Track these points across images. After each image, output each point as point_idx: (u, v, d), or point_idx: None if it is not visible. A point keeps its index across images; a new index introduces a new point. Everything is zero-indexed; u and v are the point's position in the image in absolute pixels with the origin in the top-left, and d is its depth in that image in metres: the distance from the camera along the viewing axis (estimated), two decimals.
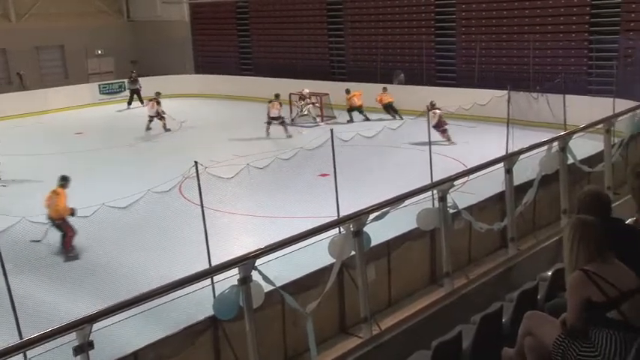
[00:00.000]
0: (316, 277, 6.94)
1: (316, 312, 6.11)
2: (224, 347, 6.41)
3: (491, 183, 9.22)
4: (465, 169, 9.55)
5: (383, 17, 25.29)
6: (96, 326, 4.50)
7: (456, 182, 7.26)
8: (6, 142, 18.33)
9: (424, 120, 11.96)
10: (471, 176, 8.81)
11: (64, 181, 11.78)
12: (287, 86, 23.55)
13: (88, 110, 27.12)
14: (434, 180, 8.55)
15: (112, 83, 29.00)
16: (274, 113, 20.28)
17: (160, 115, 21.99)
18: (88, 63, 30.50)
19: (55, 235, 10.80)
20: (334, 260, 6.42)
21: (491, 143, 13.87)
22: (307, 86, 23.20)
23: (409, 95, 22.31)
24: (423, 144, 12.11)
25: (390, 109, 22.26)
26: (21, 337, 5.84)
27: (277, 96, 20.82)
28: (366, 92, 22.98)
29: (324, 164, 11.31)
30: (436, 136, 17.84)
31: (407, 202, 7.07)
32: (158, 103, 22.24)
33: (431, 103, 18.61)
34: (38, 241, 10.27)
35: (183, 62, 30.65)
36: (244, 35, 29.79)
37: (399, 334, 5.77)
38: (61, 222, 11.13)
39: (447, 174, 7.40)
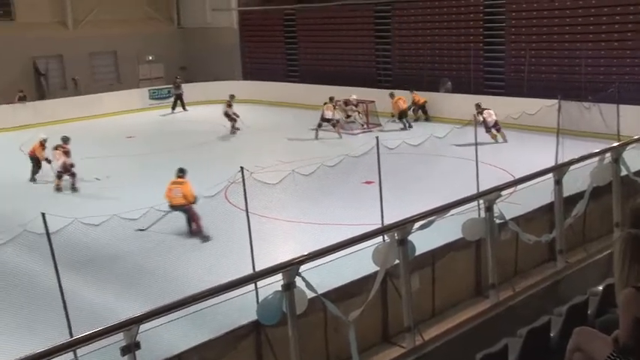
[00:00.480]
0: (359, 285, 6.91)
1: (359, 320, 6.09)
2: (266, 352, 6.44)
3: (540, 194, 9.03)
4: (513, 179, 9.40)
5: (431, 25, 25.13)
6: (142, 327, 4.59)
7: (502, 192, 7.15)
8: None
9: (471, 128, 11.81)
10: (519, 187, 8.66)
11: (182, 172, 12.98)
12: (333, 93, 23.59)
13: (138, 115, 27.78)
14: (480, 190, 8.44)
15: (161, 89, 29.63)
16: (328, 115, 21.28)
17: (230, 117, 22.53)
18: (139, 69, 31.35)
19: (103, 238, 11.01)
20: (377, 268, 6.39)
21: (539, 153, 13.60)
22: (353, 93, 23.24)
23: (456, 104, 22.09)
24: (469, 152, 11.96)
25: (422, 109, 22.68)
26: (71, 336, 6.00)
27: (331, 99, 21.97)
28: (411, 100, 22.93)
29: (369, 172, 11.27)
30: (487, 138, 17.83)
31: (452, 211, 7.00)
32: (229, 105, 22.79)
33: (478, 104, 18.87)
34: (144, 229, 11.05)
35: (232, 68, 31.10)
36: (291, 42, 30.02)
37: (443, 345, 5.71)
38: (188, 208, 12.36)
39: (494, 184, 7.30)
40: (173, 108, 28.12)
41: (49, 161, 16.90)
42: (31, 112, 25.76)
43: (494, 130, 18.95)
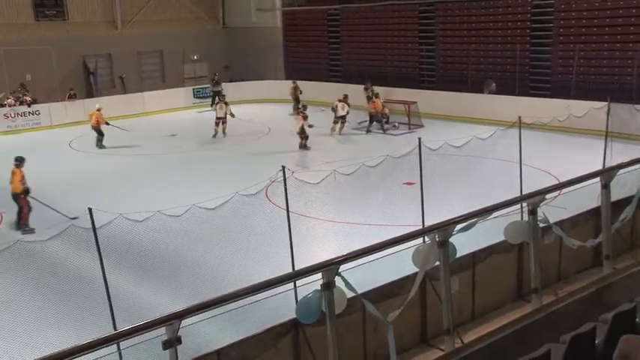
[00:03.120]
0: (399, 286, 6.88)
1: (397, 321, 6.06)
2: (304, 351, 6.47)
3: (586, 198, 8.83)
4: (558, 182, 9.22)
5: (476, 25, 24.80)
6: (183, 323, 4.67)
7: (547, 196, 7.02)
8: (109, 142, 19.45)
9: (515, 131, 11.63)
10: (564, 190, 8.49)
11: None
12: (377, 92, 23.57)
13: (182, 113, 28.22)
14: (524, 193, 8.31)
15: (205, 87, 30.02)
16: (342, 112, 22.06)
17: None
18: (184, 68, 31.88)
19: (147, 234, 11.23)
20: (417, 269, 6.35)
21: (586, 156, 13.28)
22: (396, 94, 23.15)
23: (500, 105, 21.76)
24: (513, 154, 11.78)
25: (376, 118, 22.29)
26: (115, 329, 6.14)
27: (346, 97, 22.72)
28: (457, 100, 22.71)
29: (410, 172, 11.18)
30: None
31: (494, 213, 6.90)
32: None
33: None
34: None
35: (275, 68, 31.33)
36: (335, 42, 30.05)
37: (483, 349, 5.64)
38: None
39: (538, 187, 7.17)
40: (212, 105, 28.52)
41: (107, 123, 20.44)
42: (81, 110, 26.44)
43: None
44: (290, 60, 31.87)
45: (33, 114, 25.45)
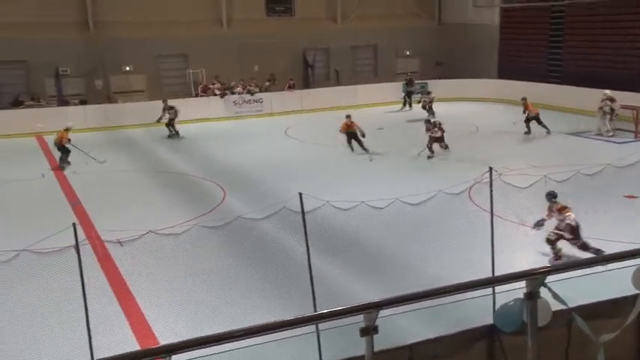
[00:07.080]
0: (611, 306, 6.33)
1: (609, 344, 5.57)
2: (499, 359, 6.25)
3: None
4: None
5: None
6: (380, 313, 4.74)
7: None
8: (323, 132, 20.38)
9: None
10: None
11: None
12: (598, 97, 21.75)
13: (391, 107, 28.62)
14: None
15: (415, 83, 30.09)
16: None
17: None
18: (397, 63, 32.31)
19: (351, 222, 11.58)
20: (635, 291, 5.76)
21: None
22: (617, 98, 21.11)
23: None
24: None
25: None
26: (315, 310, 6.45)
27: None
28: None
29: (633, 185, 10.20)
30: None
31: None
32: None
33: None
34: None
35: (488, 66, 30.40)
36: (556, 40, 28.24)
37: None
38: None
39: None
40: (403, 105, 28.28)
41: (65, 145, 18.44)
42: (298, 100, 28.19)
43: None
44: (505, 59, 30.65)
45: (256, 102, 27.70)
